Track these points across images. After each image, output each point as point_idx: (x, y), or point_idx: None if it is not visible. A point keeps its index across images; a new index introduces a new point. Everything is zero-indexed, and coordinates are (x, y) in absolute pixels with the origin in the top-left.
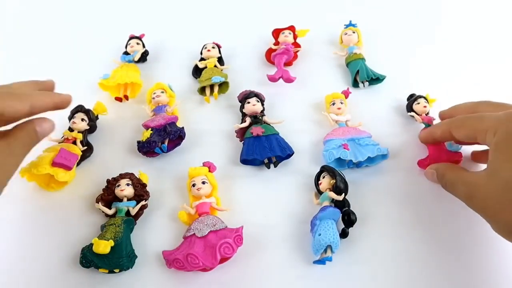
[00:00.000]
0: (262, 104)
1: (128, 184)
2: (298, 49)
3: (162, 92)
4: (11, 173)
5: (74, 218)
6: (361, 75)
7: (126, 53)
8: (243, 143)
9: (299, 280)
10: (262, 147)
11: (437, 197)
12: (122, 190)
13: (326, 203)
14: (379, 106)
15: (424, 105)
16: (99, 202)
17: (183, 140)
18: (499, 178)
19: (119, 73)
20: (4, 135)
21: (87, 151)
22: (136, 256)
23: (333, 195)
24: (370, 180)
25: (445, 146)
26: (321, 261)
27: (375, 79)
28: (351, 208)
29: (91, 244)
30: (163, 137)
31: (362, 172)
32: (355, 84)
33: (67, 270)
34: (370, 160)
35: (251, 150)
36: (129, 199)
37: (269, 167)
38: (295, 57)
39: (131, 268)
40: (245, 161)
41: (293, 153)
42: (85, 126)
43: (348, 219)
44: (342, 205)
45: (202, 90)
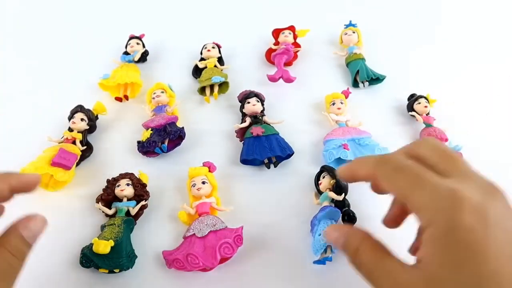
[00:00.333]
0: (262, 104)
1: (128, 184)
2: (298, 49)
3: (162, 92)
4: None
5: (74, 218)
6: (361, 75)
7: (126, 53)
8: (243, 143)
9: (299, 280)
10: (262, 147)
11: None
12: (122, 190)
13: (326, 203)
14: (379, 106)
15: (425, 105)
16: (99, 202)
17: (183, 140)
18: None
19: (119, 73)
20: None
21: (87, 151)
22: (136, 256)
23: (333, 195)
24: None
25: None
26: (321, 261)
27: (375, 79)
28: (351, 208)
29: (91, 244)
30: (163, 137)
31: None
32: (355, 84)
33: (67, 270)
34: None
35: (251, 150)
36: (129, 199)
37: (269, 167)
38: (295, 57)
39: (131, 268)
40: (245, 161)
41: (293, 153)
42: (85, 126)
43: (348, 219)
44: (342, 205)
45: (202, 90)
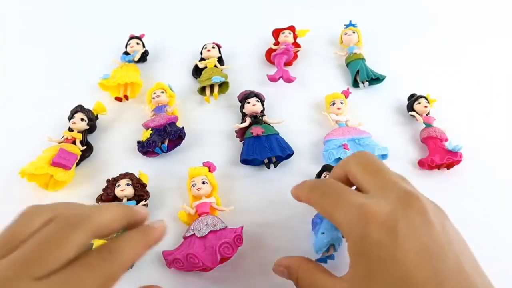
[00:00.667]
0: (262, 104)
1: (128, 184)
2: (298, 49)
3: (162, 92)
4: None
5: None
6: (361, 75)
7: (126, 53)
8: (243, 143)
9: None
10: (262, 147)
11: (437, 198)
12: (122, 190)
13: None
14: (379, 106)
15: (425, 105)
16: (99, 202)
17: (183, 140)
18: None
19: (119, 73)
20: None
21: (87, 151)
22: None
23: None
24: None
25: (445, 146)
26: (323, 260)
27: (375, 79)
28: None
29: (91, 244)
30: (163, 137)
31: None
32: (355, 84)
33: None
34: None
35: (251, 150)
36: (129, 199)
37: (269, 167)
38: (295, 57)
39: (131, 268)
40: (245, 161)
41: (293, 153)
42: (85, 126)
43: None
44: None
45: (202, 90)
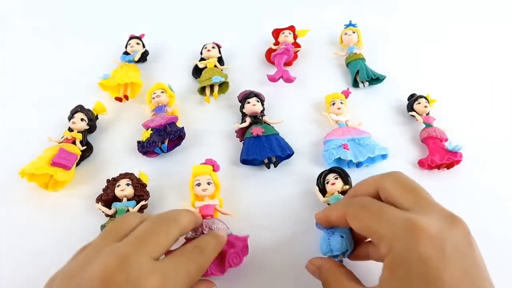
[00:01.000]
0: (262, 104)
1: (128, 184)
2: (298, 49)
3: (162, 92)
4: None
5: (74, 218)
6: (361, 75)
7: (126, 53)
8: (243, 143)
9: (300, 279)
10: (262, 147)
11: (437, 198)
12: (122, 190)
13: None
14: (379, 106)
15: (425, 105)
16: (99, 202)
17: (183, 140)
18: None
19: (119, 73)
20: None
21: (87, 151)
22: None
23: None
24: None
25: (445, 146)
26: None
27: (375, 79)
28: None
29: None
30: (163, 137)
31: (362, 172)
32: (355, 84)
33: None
34: (370, 160)
35: (251, 150)
36: (129, 199)
37: (269, 167)
38: (295, 57)
39: None
40: (245, 161)
41: (293, 153)
42: (85, 126)
43: None
44: None
45: (202, 90)
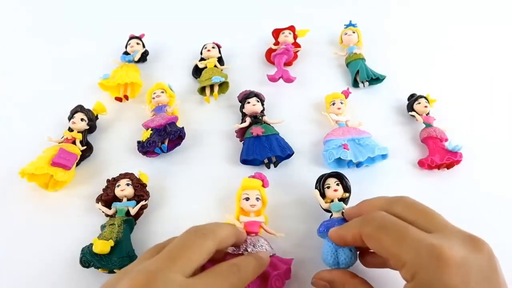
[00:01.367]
0: (262, 104)
1: (128, 184)
2: (298, 49)
3: (162, 92)
4: None
5: (74, 218)
6: (361, 75)
7: (126, 53)
8: (243, 143)
9: (300, 279)
10: (262, 147)
11: (437, 197)
12: (122, 190)
13: (338, 215)
14: (379, 106)
15: (425, 105)
16: (99, 202)
17: (183, 140)
18: None
19: (119, 73)
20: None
21: (87, 151)
22: (136, 256)
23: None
24: (370, 180)
25: (445, 146)
26: None
27: (375, 79)
28: None
29: (91, 244)
30: (163, 137)
31: (362, 172)
32: (355, 84)
33: (67, 270)
34: (370, 160)
35: (251, 150)
36: (129, 199)
37: (269, 167)
38: (295, 57)
39: None
40: (245, 161)
41: (293, 153)
42: (85, 126)
43: None
44: None
45: (202, 90)
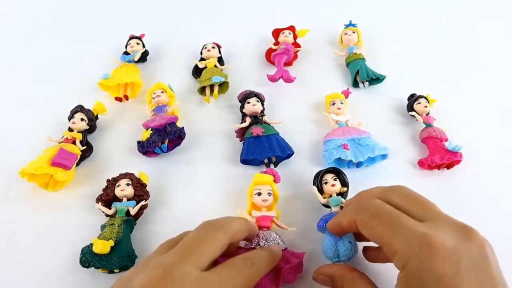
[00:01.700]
0: (262, 104)
1: (128, 184)
2: (298, 49)
3: (162, 92)
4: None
5: (74, 218)
6: (361, 75)
7: (126, 53)
8: (243, 143)
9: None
10: (262, 147)
11: (437, 197)
12: (122, 190)
13: (337, 209)
14: (379, 106)
15: (425, 105)
16: (99, 202)
17: (183, 140)
18: None
19: (119, 73)
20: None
21: (87, 151)
22: (136, 256)
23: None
24: (370, 180)
25: (445, 146)
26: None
27: (375, 79)
28: None
29: (91, 244)
30: (163, 137)
31: (362, 172)
32: (355, 84)
33: (67, 270)
34: (370, 160)
35: (251, 150)
36: (129, 199)
37: (269, 167)
38: (295, 57)
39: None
40: (245, 161)
41: (293, 153)
42: (85, 126)
43: None
44: None
45: (202, 90)
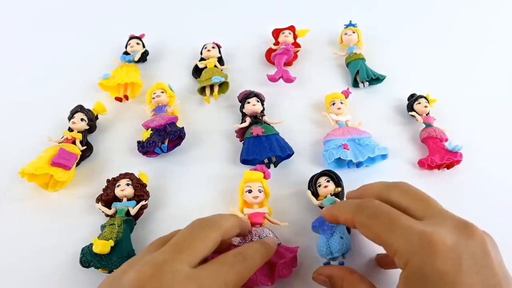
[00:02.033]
0: (262, 104)
1: (128, 184)
2: (298, 49)
3: (162, 92)
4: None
5: (74, 218)
6: (361, 75)
7: (126, 53)
8: (243, 143)
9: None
10: (262, 147)
11: (437, 198)
12: (122, 190)
13: None
14: (379, 106)
15: (425, 105)
16: (99, 202)
17: (183, 140)
18: None
19: (119, 73)
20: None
21: (87, 151)
22: None
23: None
24: (370, 180)
25: (445, 146)
26: (328, 262)
27: (375, 79)
28: None
29: (91, 244)
30: (163, 137)
31: (362, 172)
32: (355, 84)
33: (67, 270)
34: (370, 160)
35: (251, 150)
36: (129, 199)
37: (269, 167)
38: (295, 57)
39: None
40: (245, 161)
41: (293, 153)
42: (85, 126)
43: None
44: None
45: (202, 90)
